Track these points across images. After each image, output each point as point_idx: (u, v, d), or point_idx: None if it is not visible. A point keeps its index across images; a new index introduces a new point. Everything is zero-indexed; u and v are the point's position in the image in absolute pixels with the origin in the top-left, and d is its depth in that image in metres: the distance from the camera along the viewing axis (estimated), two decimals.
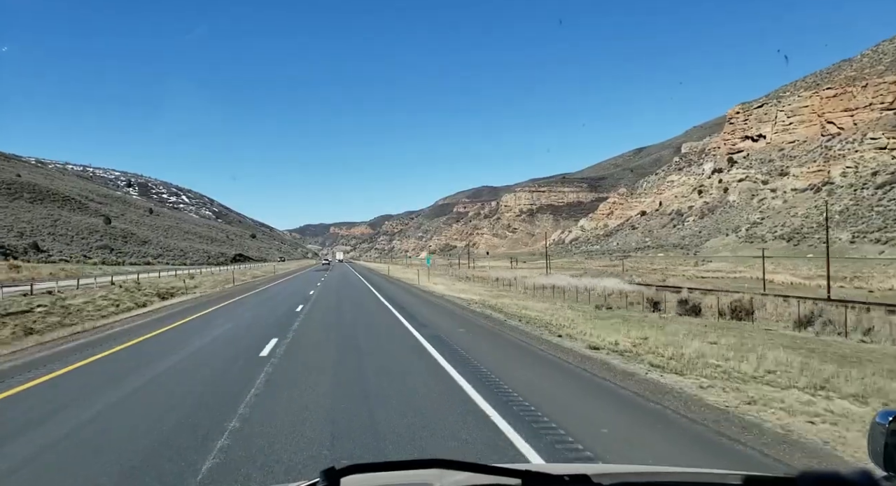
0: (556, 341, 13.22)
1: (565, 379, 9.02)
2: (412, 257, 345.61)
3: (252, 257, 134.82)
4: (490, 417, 6.50)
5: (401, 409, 6.81)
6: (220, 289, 36.40)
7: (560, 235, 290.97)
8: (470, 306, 24.00)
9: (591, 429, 6.05)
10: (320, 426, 6.16)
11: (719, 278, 71.53)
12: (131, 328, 15.94)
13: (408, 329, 15.47)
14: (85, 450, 5.43)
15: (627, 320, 20.64)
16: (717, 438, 5.87)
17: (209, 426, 6.13)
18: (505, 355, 11.37)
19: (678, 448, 5.58)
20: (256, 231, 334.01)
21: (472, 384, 8.23)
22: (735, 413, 6.80)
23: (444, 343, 12.53)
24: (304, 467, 4.84)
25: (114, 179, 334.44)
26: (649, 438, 5.88)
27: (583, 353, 11.42)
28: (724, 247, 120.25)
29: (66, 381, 8.80)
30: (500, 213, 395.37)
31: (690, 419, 6.54)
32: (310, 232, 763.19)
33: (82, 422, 6.40)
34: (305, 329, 15.38)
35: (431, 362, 10.24)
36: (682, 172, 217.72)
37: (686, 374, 9.20)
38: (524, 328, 15.90)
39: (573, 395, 7.93)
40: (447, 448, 5.37)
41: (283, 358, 10.64)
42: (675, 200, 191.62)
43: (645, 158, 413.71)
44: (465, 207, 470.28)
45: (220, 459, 5.10)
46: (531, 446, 5.45)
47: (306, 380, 8.58)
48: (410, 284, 43.33)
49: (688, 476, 1.56)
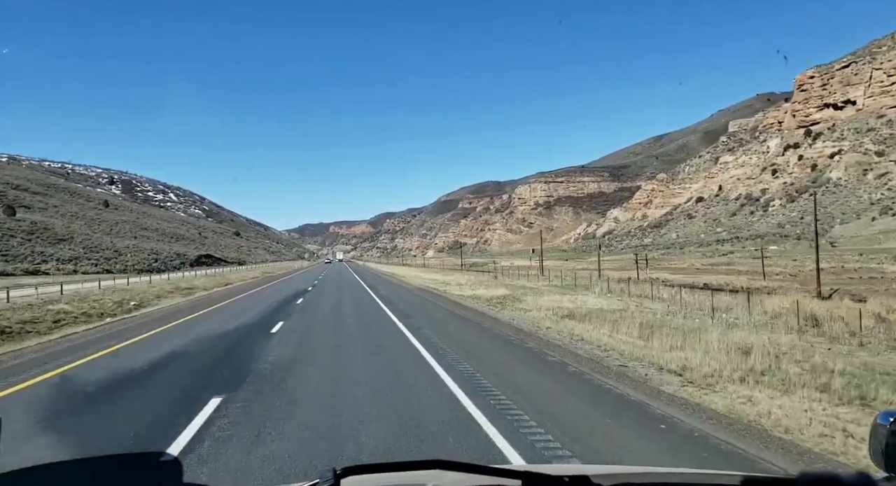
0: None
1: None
2: (417, 255, 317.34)
3: (225, 259, 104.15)
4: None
5: None
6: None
7: (586, 229, 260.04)
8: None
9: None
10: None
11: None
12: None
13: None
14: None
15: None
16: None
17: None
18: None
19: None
20: (248, 230, 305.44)
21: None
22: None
23: None
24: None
25: (94, 177, 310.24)
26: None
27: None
28: (875, 233, 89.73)
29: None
30: (513, 206, 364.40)
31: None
32: (309, 232, 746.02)
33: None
34: None
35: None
36: (737, 152, 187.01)
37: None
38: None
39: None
40: None
41: None
42: (739, 182, 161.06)
43: (668, 145, 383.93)
44: (470, 202, 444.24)
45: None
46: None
47: None
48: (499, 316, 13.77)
49: (688, 477, 1.58)
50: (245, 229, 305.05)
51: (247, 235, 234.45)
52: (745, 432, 5.96)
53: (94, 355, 11.40)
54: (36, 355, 11.72)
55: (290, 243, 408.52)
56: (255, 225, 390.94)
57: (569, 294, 28.89)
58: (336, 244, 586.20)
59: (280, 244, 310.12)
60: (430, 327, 15.44)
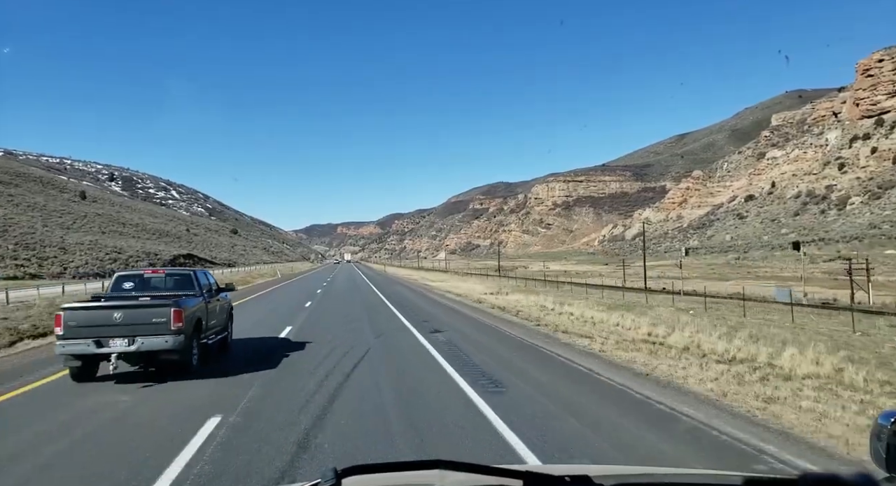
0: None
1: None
2: (427, 257, 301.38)
3: (212, 261, 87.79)
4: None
5: None
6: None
7: (612, 231, 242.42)
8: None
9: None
10: None
11: None
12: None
13: None
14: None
15: None
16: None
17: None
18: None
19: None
20: (252, 229, 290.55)
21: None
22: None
23: None
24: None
25: (94, 172, 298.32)
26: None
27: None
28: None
29: None
30: (530, 207, 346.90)
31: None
32: (316, 232, 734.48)
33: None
34: None
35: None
36: (787, 146, 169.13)
37: None
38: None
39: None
40: None
41: None
42: (796, 179, 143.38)
43: (692, 144, 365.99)
44: (481, 203, 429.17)
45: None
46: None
47: None
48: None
49: (688, 477, 1.58)
50: (250, 229, 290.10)
51: (248, 234, 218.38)
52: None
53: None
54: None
55: (296, 243, 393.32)
56: (261, 225, 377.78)
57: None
58: (344, 245, 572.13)
59: (285, 245, 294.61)
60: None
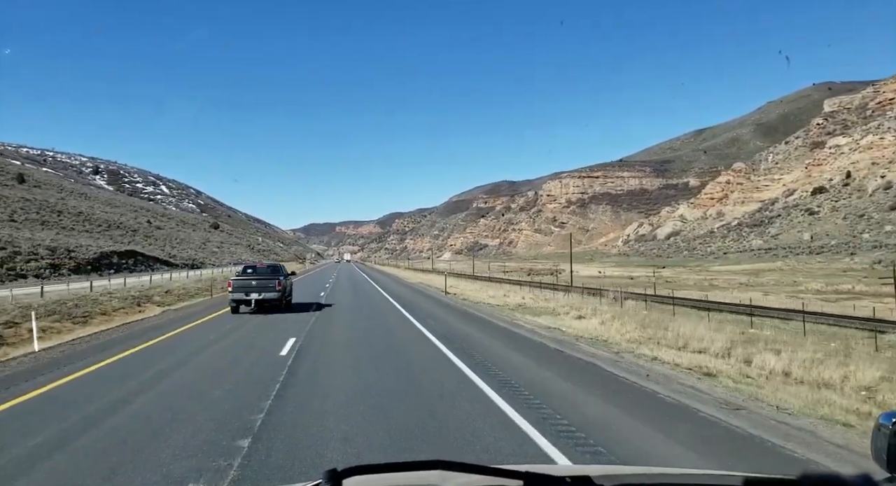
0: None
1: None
2: (430, 257, 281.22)
3: (168, 260, 65.87)
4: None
5: None
6: None
7: (636, 230, 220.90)
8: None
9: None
10: None
11: None
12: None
13: None
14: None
15: None
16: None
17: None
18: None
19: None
20: (247, 227, 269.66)
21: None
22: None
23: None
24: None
25: (78, 165, 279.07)
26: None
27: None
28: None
29: None
30: (541, 205, 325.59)
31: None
32: (315, 231, 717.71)
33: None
34: None
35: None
36: (853, 133, 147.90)
37: None
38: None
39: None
40: None
41: None
42: (877, 168, 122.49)
43: (713, 139, 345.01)
44: (486, 202, 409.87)
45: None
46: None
47: None
48: None
49: (689, 478, 1.58)
50: (244, 226, 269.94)
51: (234, 230, 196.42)
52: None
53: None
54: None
55: (292, 241, 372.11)
56: (257, 222, 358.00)
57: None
58: (343, 244, 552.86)
59: (278, 243, 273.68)
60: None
